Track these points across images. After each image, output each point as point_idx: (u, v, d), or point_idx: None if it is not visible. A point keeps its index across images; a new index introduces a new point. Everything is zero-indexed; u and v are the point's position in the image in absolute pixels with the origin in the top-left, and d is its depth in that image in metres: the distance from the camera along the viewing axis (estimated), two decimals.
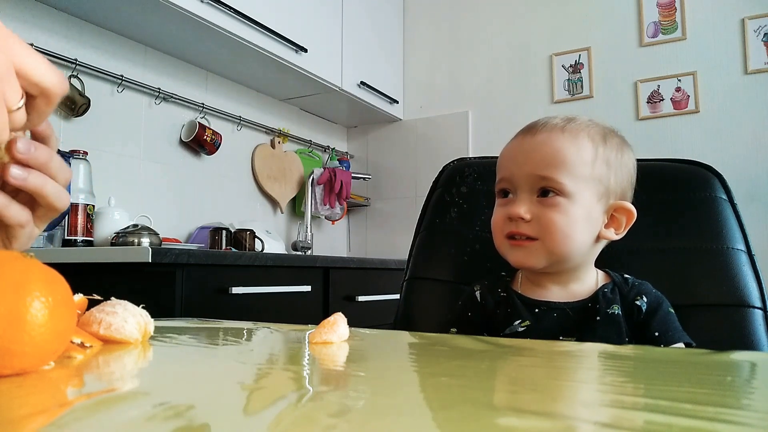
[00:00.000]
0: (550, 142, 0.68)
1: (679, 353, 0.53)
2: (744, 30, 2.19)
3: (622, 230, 0.71)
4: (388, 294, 1.97)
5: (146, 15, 1.75)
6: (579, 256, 0.69)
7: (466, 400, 0.30)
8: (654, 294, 0.70)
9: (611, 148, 0.70)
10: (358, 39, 2.53)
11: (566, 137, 0.68)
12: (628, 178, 0.72)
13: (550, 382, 0.38)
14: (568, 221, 0.66)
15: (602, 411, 0.28)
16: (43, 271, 0.36)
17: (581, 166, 0.67)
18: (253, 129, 2.43)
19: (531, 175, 0.67)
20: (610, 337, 0.67)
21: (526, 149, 0.69)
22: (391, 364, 0.44)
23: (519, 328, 0.69)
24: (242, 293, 1.46)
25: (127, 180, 1.90)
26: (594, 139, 0.69)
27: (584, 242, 0.68)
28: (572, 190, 0.66)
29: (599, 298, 0.69)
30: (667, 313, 0.69)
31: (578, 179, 0.66)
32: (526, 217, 0.67)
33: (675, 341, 0.67)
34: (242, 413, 0.28)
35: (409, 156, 2.84)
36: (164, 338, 0.52)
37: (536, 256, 0.68)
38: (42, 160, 0.43)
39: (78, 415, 0.27)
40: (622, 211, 0.70)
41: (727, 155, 2.16)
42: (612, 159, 0.69)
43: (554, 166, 0.66)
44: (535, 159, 0.68)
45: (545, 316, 0.70)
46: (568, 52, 2.51)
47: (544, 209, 0.66)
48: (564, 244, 0.66)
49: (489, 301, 0.74)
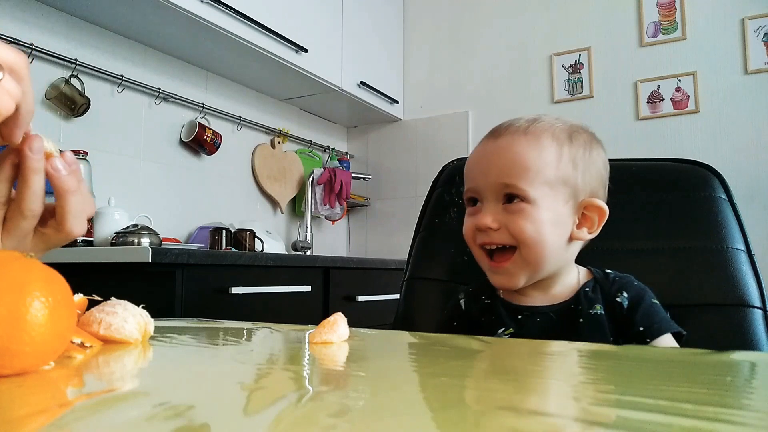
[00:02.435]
0: (512, 147, 0.66)
1: (680, 353, 0.53)
2: (744, 30, 2.19)
3: (595, 228, 0.69)
4: (388, 294, 1.97)
5: (146, 15, 1.75)
6: (554, 261, 0.68)
7: (467, 400, 0.30)
8: (635, 287, 0.69)
9: (578, 147, 0.68)
10: (358, 39, 2.53)
11: (528, 140, 0.66)
12: (597, 175, 0.70)
13: (550, 381, 0.38)
14: (535, 227, 0.65)
15: (602, 411, 0.28)
16: (43, 271, 0.36)
17: (545, 168, 0.65)
18: (253, 129, 2.43)
19: (495, 182, 0.66)
20: (594, 339, 0.65)
21: (488, 155, 0.69)
22: (391, 364, 0.44)
23: (503, 336, 0.69)
24: (242, 293, 1.46)
25: (127, 180, 1.90)
26: (558, 138, 0.67)
27: (557, 245, 0.67)
28: (536, 196, 0.65)
29: (581, 299, 0.68)
30: (650, 305, 0.67)
31: (542, 183, 0.65)
32: (493, 226, 0.66)
33: (662, 332, 0.65)
34: (242, 413, 0.28)
35: (409, 156, 2.84)
36: (164, 338, 0.52)
37: (516, 277, 0.67)
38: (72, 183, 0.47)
39: (78, 415, 0.27)
40: (592, 209, 0.68)
41: (727, 155, 2.16)
42: (578, 157, 0.67)
43: (516, 173, 0.65)
44: (497, 166, 0.67)
45: (528, 321, 0.69)
46: (568, 52, 2.51)
47: (511, 216, 0.66)
48: (537, 249, 0.65)
49: (473, 309, 0.74)
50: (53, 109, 1.68)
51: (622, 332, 0.67)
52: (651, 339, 0.65)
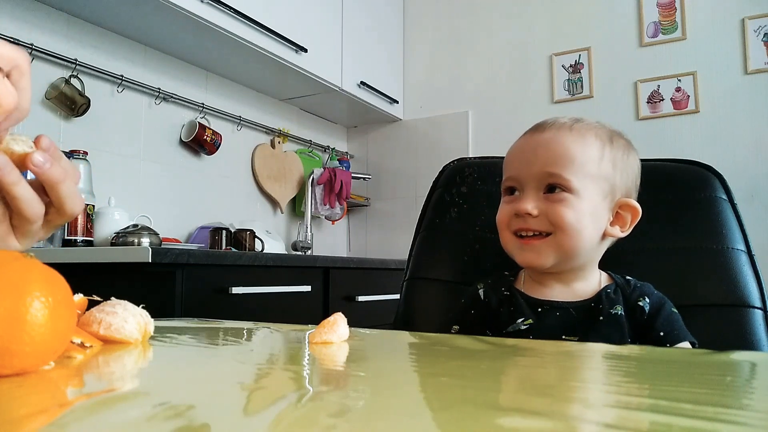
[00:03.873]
0: (558, 139, 0.68)
1: (680, 353, 0.53)
2: (744, 30, 2.19)
3: (627, 227, 0.71)
4: (388, 294, 1.97)
5: (146, 15, 1.75)
6: (586, 253, 0.69)
7: (466, 400, 0.30)
8: (656, 295, 0.71)
9: (618, 149, 0.71)
10: (358, 39, 2.53)
11: (574, 135, 0.69)
12: (633, 179, 0.73)
13: (550, 382, 0.38)
14: (576, 215, 0.66)
15: (602, 411, 0.28)
16: (43, 271, 0.36)
17: (588, 163, 0.67)
18: (253, 129, 2.43)
19: (538, 172, 0.68)
20: (612, 337, 0.67)
21: (533, 146, 0.70)
22: (391, 364, 0.44)
23: (522, 326, 0.69)
24: (242, 293, 1.46)
25: (127, 180, 1.90)
26: (601, 139, 0.70)
27: (592, 238, 0.68)
28: (578, 187, 0.66)
29: (602, 299, 0.69)
30: (671, 313, 0.69)
31: (585, 176, 0.67)
32: (533, 212, 0.67)
33: (680, 340, 0.67)
34: (242, 413, 0.28)
35: (409, 156, 2.84)
36: (164, 338, 0.52)
37: (545, 256, 0.68)
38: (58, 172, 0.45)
39: (78, 415, 0.27)
40: (627, 209, 0.70)
41: (727, 155, 2.16)
42: (618, 159, 0.70)
43: (561, 163, 0.67)
44: (542, 156, 0.68)
45: (548, 315, 0.70)
46: (568, 52, 2.50)
47: (552, 204, 0.67)
48: (574, 238, 0.67)
49: (492, 299, 0.74)
50: (53, 109, 1.68)
51: (640, 336, 0.68)
52: (671, 344, 0.67)
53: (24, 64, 0.42)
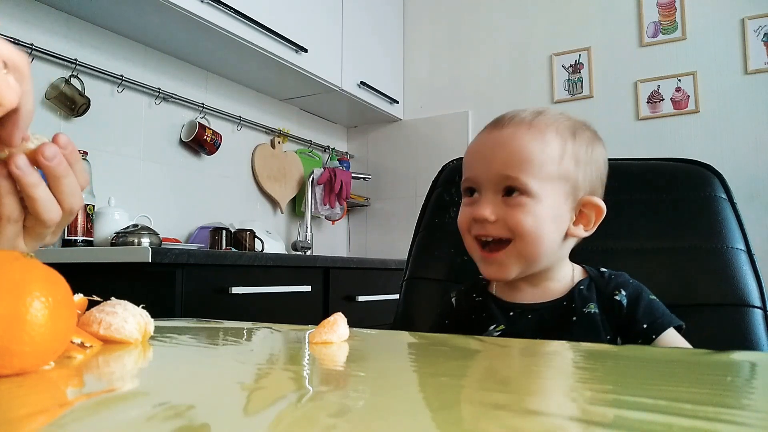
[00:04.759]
0: (515, 139, 0.65)
1: (680, 353, 0.53)
2: (744, 30, 2.19)
3: (591, 226, 0.68)
4: (388, 294, 1.97)
5: (146, 15, 1.75)
6: (549, 256, 0.67)
7: (466, 400, 0.30)
8: (632, 284, 0.68)
9: (581, 144, 0.67)
10: (358, 39, 2.53)
11: (532, 133, 0.65)
12: (598, 174, 0.69)
13: (549, 381, 0.38)
14: (535, 221, 0.64)
15: (602, 410, 0.28)
16: (43, 271, 0.36)
17: (547, 164, 0.64)
18: (253, 129, 2.43)
19: (496, 174, 0.65)
20: (586, 338, 0.64)
21: (491, 146, 0.67)
22: (391, 364, 0.44)
23: (494, 333, 0.68)
24: (242, 293, 1.46)
25: (127, 180, 1.90)
26: (562, 135, 0.66)
27: (553, 241, 0.66)
28: (537, 190, 0.64)
29: (575, 297, 0.67)
30: (650, 301, 0.66)
31: (544, 178, 0.64)
32: (491, 218, 0.65)
33: (665, 327, 0.65)
34: (242, 413, 0.28)
35: (409, 156, 2.84)
36: (164, 338, 0.52)
37: (508, 268, 0.66)
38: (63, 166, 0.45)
39: (78, 415, 0.27)
40: (590, 207, 0.68)
41: (727, 155, 2.16)
42: (581, 155, 0.67)
43: (519, 166, 0.64)
44: (500, 157, 0.66)
45: (520, 318, 0.68)
46: (568, 52, 2.50)
47: (510, 210, 0.64)
48: (534, 244, 0.64)
49: (464, 306, 0.73)
50: (53, 109, 1.68)
51: (622, 331, 0.66)
52: (656, 335, 0.64)
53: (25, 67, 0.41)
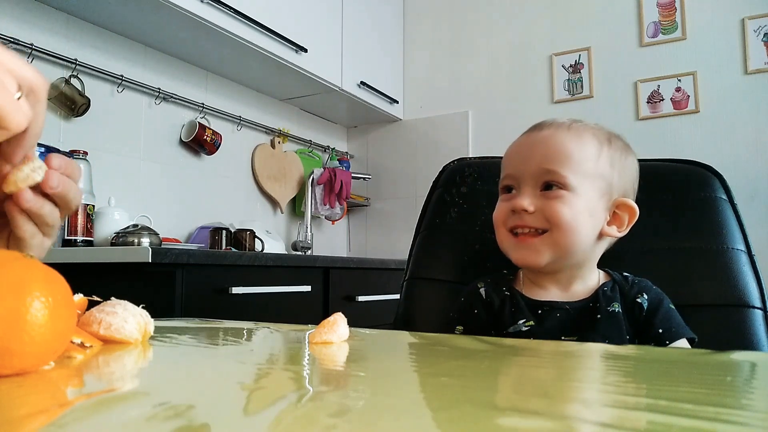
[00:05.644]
0: (556, 137, 0.69)
1: (680, 353, 0.53)
2: (744, 30, 2.19)
3: (624, 228, 0.71)
4: (388, 294, 1.97)
5: (146, 15, 1.75)
6: (582, 252, 0.69)
7: (466, 400, 0.30)
8: (654, 291, 0.71)
9: (615, 149, 0.71)
10: (358, 39, 2.53)
11: (571, 134, 0.69)
12: (631, 181, 0.73)
13: (550, 382, 0.38)
14: (572, 213, 0.66)
15: (602, 411, 0.28)
16: (43, 271, 0.36)
17: (585, 161, 0.68)
18: (253, 129, 2.43)
19: (535, 169, 0.68)
20: (611, 335, 0.67)
21: (531, 144, 0.71)
22: (391, 364, 0.44)
23: (523, 327, 0.69)
24: (242, 293, 1.46)
25: (127, 180, 1.90)
26: (599, 139, 0.70)
27: (588, 236, 0.68)
28: (575, 184, 0.66)
29: (600, 297, 0.69)
30: (669, 310, 0.69)
31: (581, 174, 0.67)
32: (529, 208, 0.67)
33: (679, 337, 0.67)
34: (242, 413, 0.28)
35: (409, 156, 2.84)
36: (164, 338, 0.52)
37: (541, 253, 0.67)
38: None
39: (78, 415, 0.27)
40: (624, 208, 0.70)
41: (727, 155, 2.16)
42: (616, 159, 0.70)
43: (558, 160, 0.67)
44: (539, 153, 0.69)
45: (548, 316, 0.70)
46: (568, 52, 2.50)
47: (548, 201, 0.67)
48: (570, 235, 0.66)
49: (494, 298, 0.74)
50: (53, 109, 1.68)
51: (639, 333, 0.68)
52: (670, 341, 0.67)
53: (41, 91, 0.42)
